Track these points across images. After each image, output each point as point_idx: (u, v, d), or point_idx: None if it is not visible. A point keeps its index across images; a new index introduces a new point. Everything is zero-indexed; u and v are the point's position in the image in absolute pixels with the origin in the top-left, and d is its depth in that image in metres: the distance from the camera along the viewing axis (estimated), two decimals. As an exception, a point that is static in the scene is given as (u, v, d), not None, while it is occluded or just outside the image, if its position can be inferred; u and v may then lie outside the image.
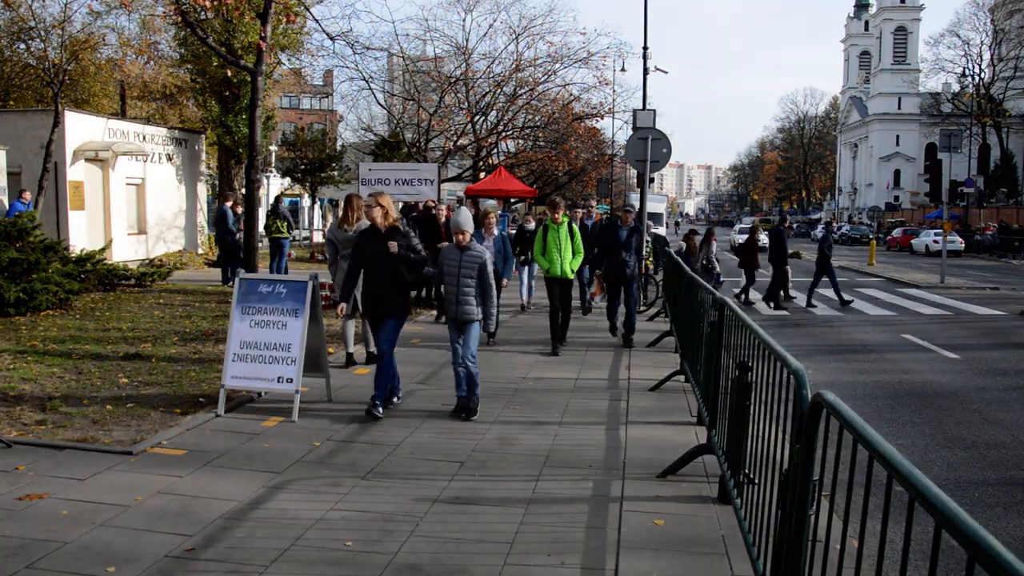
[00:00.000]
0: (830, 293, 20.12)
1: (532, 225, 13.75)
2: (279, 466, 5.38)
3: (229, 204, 16.88)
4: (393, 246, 6.50)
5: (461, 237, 6.75)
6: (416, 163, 24.18)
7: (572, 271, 10.03)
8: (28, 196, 16.55)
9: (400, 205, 25.35)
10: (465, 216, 6.87)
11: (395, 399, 7.14)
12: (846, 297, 17.42)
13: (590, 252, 11.37)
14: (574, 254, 9.99)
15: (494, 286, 6.86)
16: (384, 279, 6.68)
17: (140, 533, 4.23)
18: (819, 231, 43.91)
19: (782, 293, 17.40)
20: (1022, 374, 10.00)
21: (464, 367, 6.76)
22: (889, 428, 7.29)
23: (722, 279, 17.25)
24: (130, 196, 21.73)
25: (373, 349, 9.33)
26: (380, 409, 6.64)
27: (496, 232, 10.80)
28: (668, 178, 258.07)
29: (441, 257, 6.93)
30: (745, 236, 21.31)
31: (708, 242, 15.13)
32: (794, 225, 53.20)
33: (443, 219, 12.42)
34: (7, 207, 16.22)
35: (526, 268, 14.25)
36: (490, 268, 6.85)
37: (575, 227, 10.12)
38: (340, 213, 8.55)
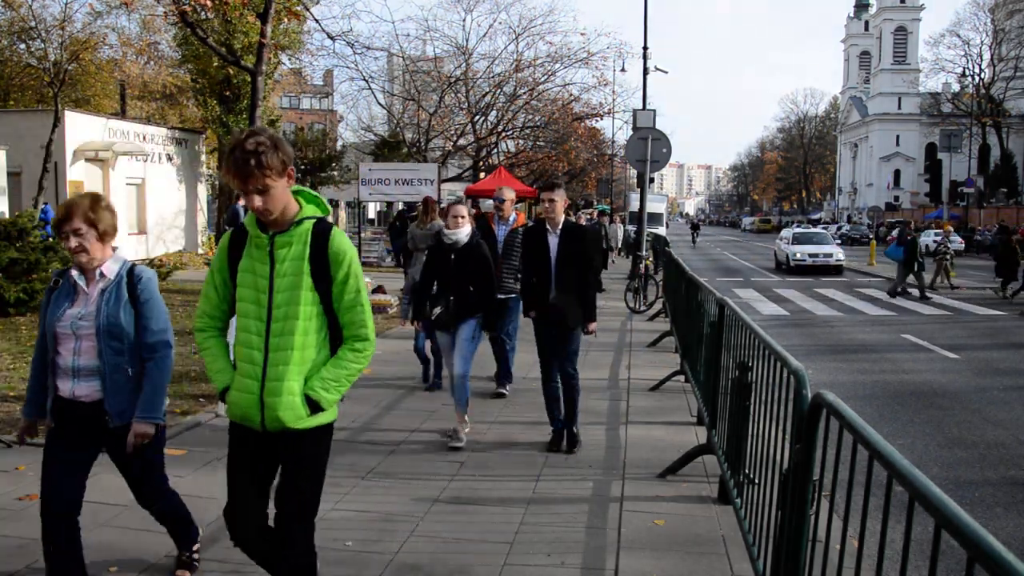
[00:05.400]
0: (830, 292, 20.14)
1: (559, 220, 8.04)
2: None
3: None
4: None
5: None
6: (416, 163, 24.19)
7: None
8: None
9: (401, 205, 25.40)
10: None
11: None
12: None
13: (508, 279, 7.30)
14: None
15: None
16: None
17: (140, 533, 4.22)
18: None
19: None
20: (1022, 374, 9.99)
21: None
22: (889, 428, 7.28)
23: None
24: (130, 196, 21.74)
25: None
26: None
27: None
28: (668, 178, 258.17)
29: None
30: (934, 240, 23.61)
31: None
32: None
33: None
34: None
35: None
36: None
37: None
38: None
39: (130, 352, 3.32)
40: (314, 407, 2.87)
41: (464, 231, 6.02)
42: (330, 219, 3.01)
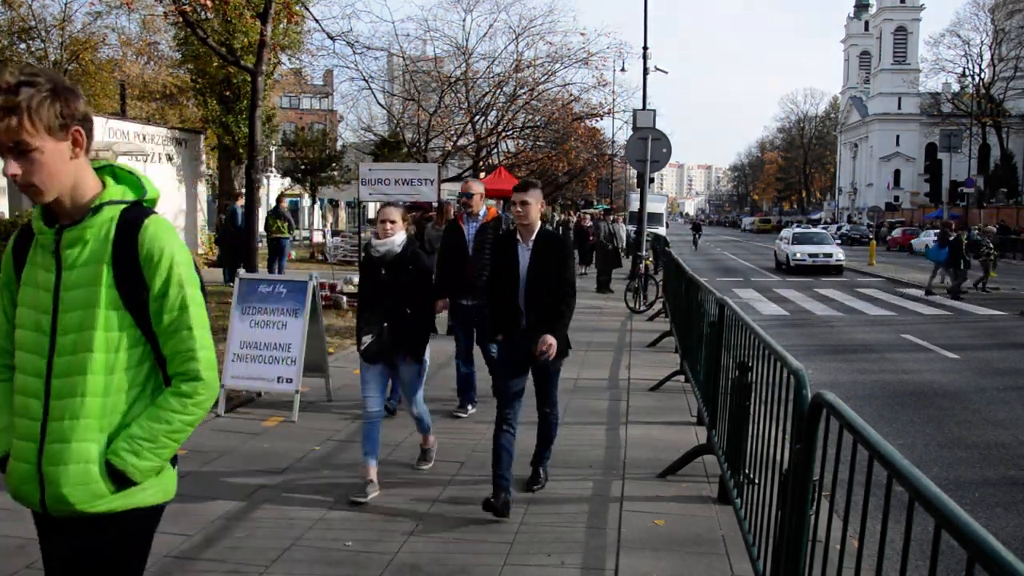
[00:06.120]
0: (830, 292, 20.12)
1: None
2: (279, 466, 5.38)
3: (240, 204, 16.73)
4: None
5: None
6: (416, 163, 24.16)
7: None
8: None
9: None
10: None
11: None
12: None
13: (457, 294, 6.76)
14: None
15: None
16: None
17: (140, 533, 4.22)
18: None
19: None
20: (1022, 374, 10.00)
21: None
22: (889, 428, 7.28)
23: None
24: (130, 196, 21.72)
25: None
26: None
27: None
28: (668, 178, 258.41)
29: None
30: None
31: None
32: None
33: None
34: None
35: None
36: None
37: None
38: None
39: None
40: (119, 480, 1.93)
41: (396, 239, 4.87)
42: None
